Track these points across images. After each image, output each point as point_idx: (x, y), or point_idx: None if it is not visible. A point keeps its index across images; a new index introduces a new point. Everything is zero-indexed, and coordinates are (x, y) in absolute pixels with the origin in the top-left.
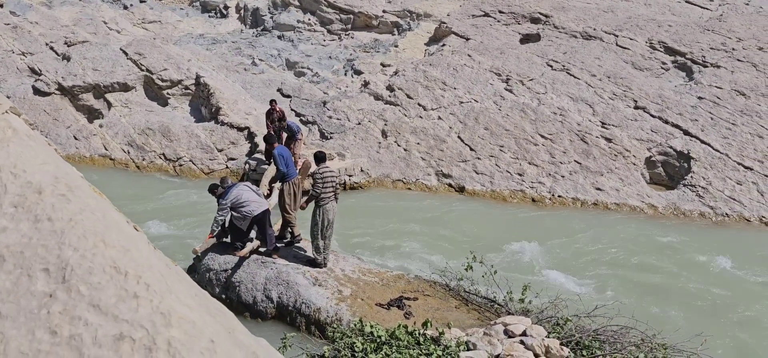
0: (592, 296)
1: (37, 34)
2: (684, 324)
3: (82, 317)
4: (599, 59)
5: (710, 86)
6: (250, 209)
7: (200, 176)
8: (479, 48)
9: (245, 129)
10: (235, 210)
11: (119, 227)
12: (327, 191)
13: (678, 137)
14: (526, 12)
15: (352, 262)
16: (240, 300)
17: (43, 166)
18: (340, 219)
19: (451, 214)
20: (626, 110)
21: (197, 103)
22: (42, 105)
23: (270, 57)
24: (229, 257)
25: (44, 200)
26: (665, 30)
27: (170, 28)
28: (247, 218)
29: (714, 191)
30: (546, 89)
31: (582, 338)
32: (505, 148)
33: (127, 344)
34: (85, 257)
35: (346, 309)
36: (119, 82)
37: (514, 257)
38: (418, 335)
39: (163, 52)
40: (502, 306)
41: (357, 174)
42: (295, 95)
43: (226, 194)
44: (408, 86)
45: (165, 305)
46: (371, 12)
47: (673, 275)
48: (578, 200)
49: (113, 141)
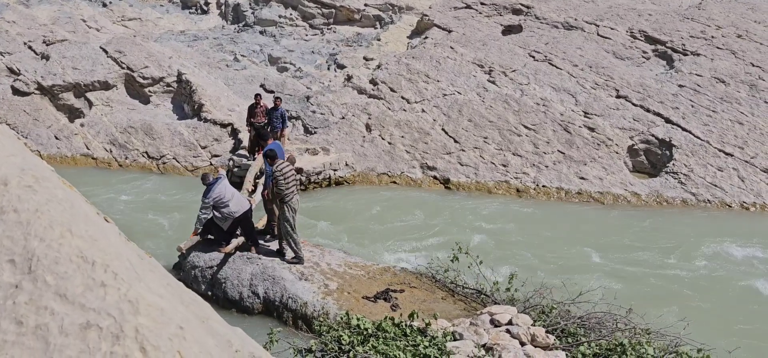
0: (577, 284)
1: (14, 33)
2: (668, 309)
3: (48, 307)
4: (581, 49)
5: (690, 74)
6: (230, 210)
7: (184, 174)
8: (461, 40)
9: (228, 125)
10: (217, 209)
11: (87, 218)
12: (290, 186)
13: (660, 125)
14: (507, 3)
15: (338, 256)
16: (226, 296)
17: (9, 158)
18: (326, 213)
19: (436, 206)
20: (608, 99)
21: (179, 100)
22: (21, 105)
23: (252, 53)
24: (214, 253)
25: (10, 191)
26: (645, 19)
27: (151, 25)
28: (227, 219)
29: (695, 177)
30: (529, 80)
31: (567, 325)
32: (489, 140)
33: (94, 332)
34: (51, 247)
35: (332, 303)
36: (100, 80)
37: (499, 247)
38: (405, 327)
39: (144, 50)
40: (489, 296)
41: (342, 168)
42: (279, 91)
43: (209, 192)
44: (391, 80)
45: (133, 292)
46: (353, 6)
47: (656, 261)
48: (562, 189)
49: (95, 140)
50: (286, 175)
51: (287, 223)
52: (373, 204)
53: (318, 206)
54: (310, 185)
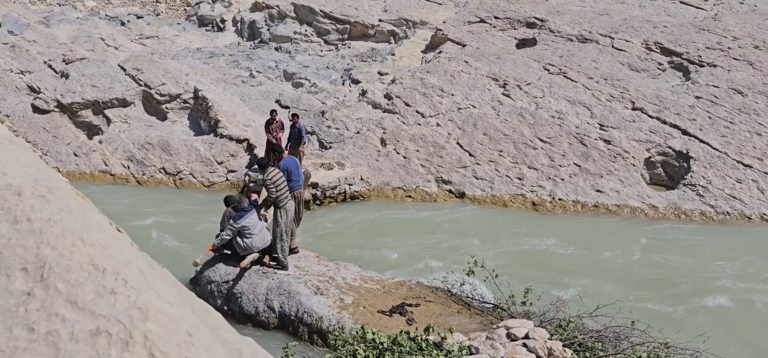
0: (593, 297)
1: (35, 52)
2: (687, 323)
3: (59, 314)
4: (596, 62)
5: (707, 86)
6: (252, 243)
7: (200, 189)
8: (476, 54)
9: (244, 141)
10: (240, 237)
11: (99, 227)
12: (281, 191)
13: (677, 137)
14: (521, 17)
15: (353, 270)
16: (242, 311)
17: (23, 169)
18: (341, 227)
19: (451, 219)
20: (624, 112)
21: (196, 116)
22: (41, 123)
23: (267, 69)
24: (230, 268)
25: (24, 201)
26: (661, 31)
27: (168, 42)
28: (247, 250)
29: (714, 189)
30: (543, 93)
31: (584, 339)
32: (504, 153)
33: (104, 338)
34: (63, 255)
35: (348, 317)
36: (118, 97)
37: (515, 260)
38: (421, 341)
39: (161, 67)
40: (505, 310)
41: (357, 183)
42: (294, 106)
43: (238, 219)
44: (406, 94)
45: (142, 300)
46: (367, 21)
47: (675, 275)
48: (579, 202)
49: (113, 156)
50: (276, 182)
51: (278, 227)
52: (388, 218)
53: (333, 221)
54: (325, 199)
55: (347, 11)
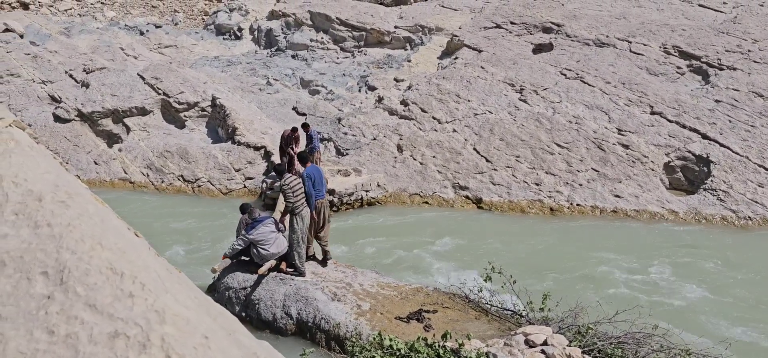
0: (612, 303)
1: (56, 62)
2: (708, 329)
3: (78, 317)
4: (613, 66)
5: (727, 89)
6: (269, 252)
7: (218, 196)
8: (492, 59)
9: (261, 148)
10: (255, 247)
11: (118, 232)
12: (299, 198)
13: (696, 141)
14: (537, 22)
15: (370, 276)
16: (260, 317)
17: (44, 175)
18: (359, 233)
19: (469, 225)
20: (642, 116)
21: (214, 124)
22: (63, 132)
23: (284, 76)
24: (248, 275)
25: (44, 206)
26: (679, 34)
27: (186, 51)
28: (265, 258)
29: (735, 194)
30: (560, 98)
31: (604, 346)
32: (521, 159)
33: (122, 341)
34: (82, 259)
35: (365, 323)
36: (137, 106)
37: (533, 266)
38: (438, 347)
39: (180, 76)
40: (523, 316)
41: (373, 189)
42: (310, 113)
43: (252, 229)
44: (422, 100)
45: (160, 303)
46: (383, 28)
47: (696, 280)
48: (597, 207)
49: (132, 164)
50: (294, 188)
51: (294, 233)
52: (406, 224)
53: (350, 227)
54: (342, 206)
55: (363, 18)
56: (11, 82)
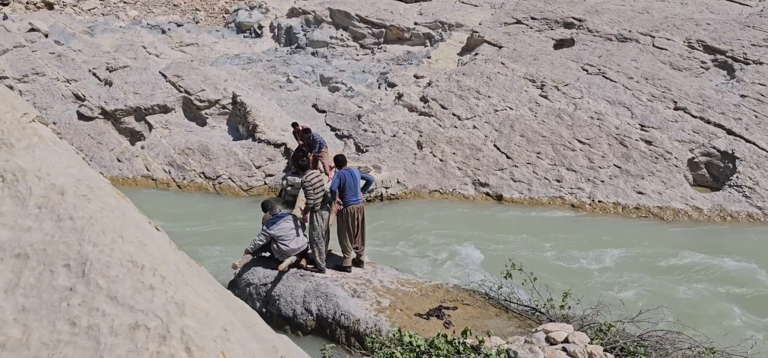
0: (636, 301)
1: (80, 61)
2: (733, 327)
3: (99, 309)
4: (636, 61)
5: (753, 84)
6: (289, 248)
7: (239, 194)
8: (512, 55)
9: (282, 145)
10: (275, 243)
11: (138, 225)
12: (319, 195)
13: (721, 137)
14: (558, 17)
15: (390, 273)
16: (280, 314)
17: (66, 169)
18: (378, 230)
19: (489, 222)
20: (666, 112)
21: (234, 121)
22: (86, 129)
23: (304, 73)
24: (268, 271)
25: (67, 200)
26: (703, 28)
27: (207, 49)
28: (285, 254)
29: (761, 190)
30: (582, 94)
31: (626, 344)
32: (542, 155)
33: (142, 333)
34: (103, 251)
35: (385, 320)
36: (159, 104)
37: (554, 263)
38: (458, 344)
39: (201, 74)
40: (543, 313)
41: (394, 186)
42: (330, 110)
43: (272, 225)
44: (442, 97)
45: (180, 295)
46: (403, 25)
47: (720, 278)
48: (619, 204)
49: (155, 162)
50: (314, 185)
51: (314, 230)
52: (426, 221)
53: (370, 224)
54: None
55: (383, 15)
56: (36, 81)
